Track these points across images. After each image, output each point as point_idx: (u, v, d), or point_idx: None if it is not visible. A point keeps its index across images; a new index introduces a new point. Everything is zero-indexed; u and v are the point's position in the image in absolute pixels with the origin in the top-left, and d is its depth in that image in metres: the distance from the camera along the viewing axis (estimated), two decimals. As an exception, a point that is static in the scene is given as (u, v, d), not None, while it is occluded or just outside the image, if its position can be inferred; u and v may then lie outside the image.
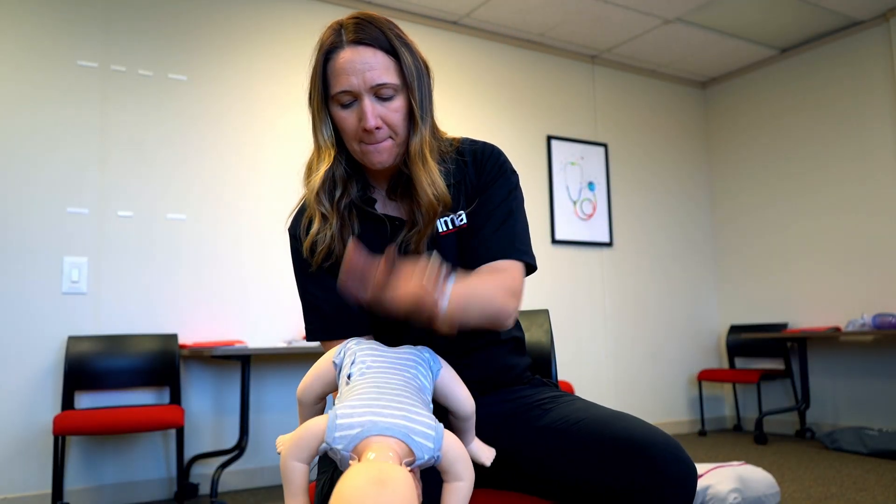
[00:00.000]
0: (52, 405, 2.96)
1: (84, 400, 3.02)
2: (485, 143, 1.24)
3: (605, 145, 4.76)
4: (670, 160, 5.09)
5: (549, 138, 4.53)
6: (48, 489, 2.87)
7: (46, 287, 3.02)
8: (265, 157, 3.57)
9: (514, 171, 1.22)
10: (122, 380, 3.08)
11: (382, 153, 1.11)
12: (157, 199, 3.29)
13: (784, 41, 4.63)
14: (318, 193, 1.13)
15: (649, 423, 1.01)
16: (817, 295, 4.51)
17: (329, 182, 1.14)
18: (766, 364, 4.74)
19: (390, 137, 1.11)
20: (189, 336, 3.27)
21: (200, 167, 3.41)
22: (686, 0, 4.04)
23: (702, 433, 4.68)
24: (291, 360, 3.51)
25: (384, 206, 1.20)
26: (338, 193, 1.15)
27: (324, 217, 1.14)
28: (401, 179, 1.17)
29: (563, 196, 4.53)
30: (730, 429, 4.93)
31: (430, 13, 4.13)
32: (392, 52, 1.09)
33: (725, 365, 5.02)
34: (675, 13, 4.20)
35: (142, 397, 3.16)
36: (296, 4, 3.77)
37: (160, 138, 3.33)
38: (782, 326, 4.62)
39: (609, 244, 4.67)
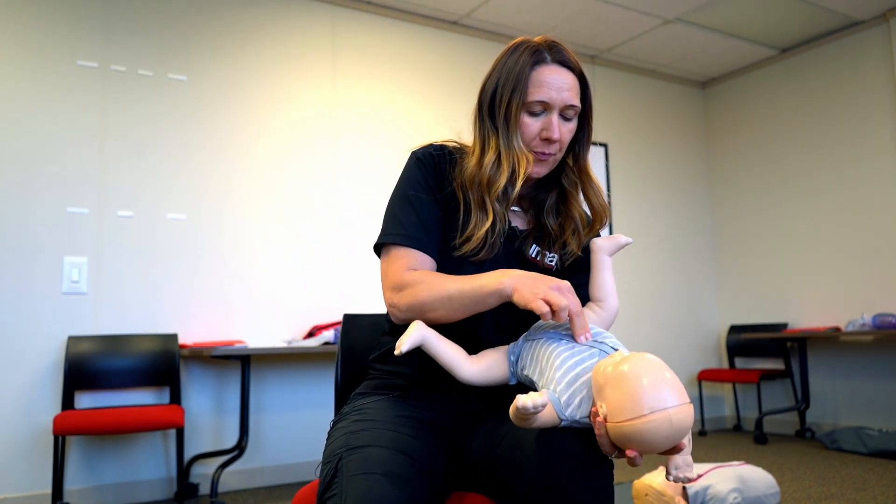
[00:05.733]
0: (52, 405, 2.96)
1: (84, 400, 3.03)
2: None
3: (605, 145, 4.76)
4: (670, 160, 5.09)
5: (549, 138, 4.53)
6: (48, 489, 2.88)
7: (46, 287, 3.02)
8: (265, 157, 3.57)
9: None
10: (121, 380, 3.08)
11: (545, 166, 1.23)
12: (157, 199, 3.29)
13: (784, 41, 4.63)
14: (499, 192, 1.19)
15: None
16: (817, 295, 4.51)
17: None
18: (766, 364, 4.74)
19: (557, 153, 1.22)
20: (189, 336, 3.27)
21: (200, 167, 3.41)
22: (686, 0, 4.04)
23: (702, 433, 4.68)
24: (291, 360, 3.51)
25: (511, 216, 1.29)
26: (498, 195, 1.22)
27: (483, 210, 1.20)
28: (544, 189, 1.28)
29: (563, 196, 4.53)
30: (730, 429, 4.93)
31: (430, 13, 4.13)
32: (583, 81, 1.23)
33: (725, 365, 5.02)
34: (675, 13, 4.20)
35: (142, 397, 3.16)
36: (296, 4, 3.77)
37: (160, 138, 3.33)
38: (782, 326, 4.62)
39: (609, 244, 4.66)
